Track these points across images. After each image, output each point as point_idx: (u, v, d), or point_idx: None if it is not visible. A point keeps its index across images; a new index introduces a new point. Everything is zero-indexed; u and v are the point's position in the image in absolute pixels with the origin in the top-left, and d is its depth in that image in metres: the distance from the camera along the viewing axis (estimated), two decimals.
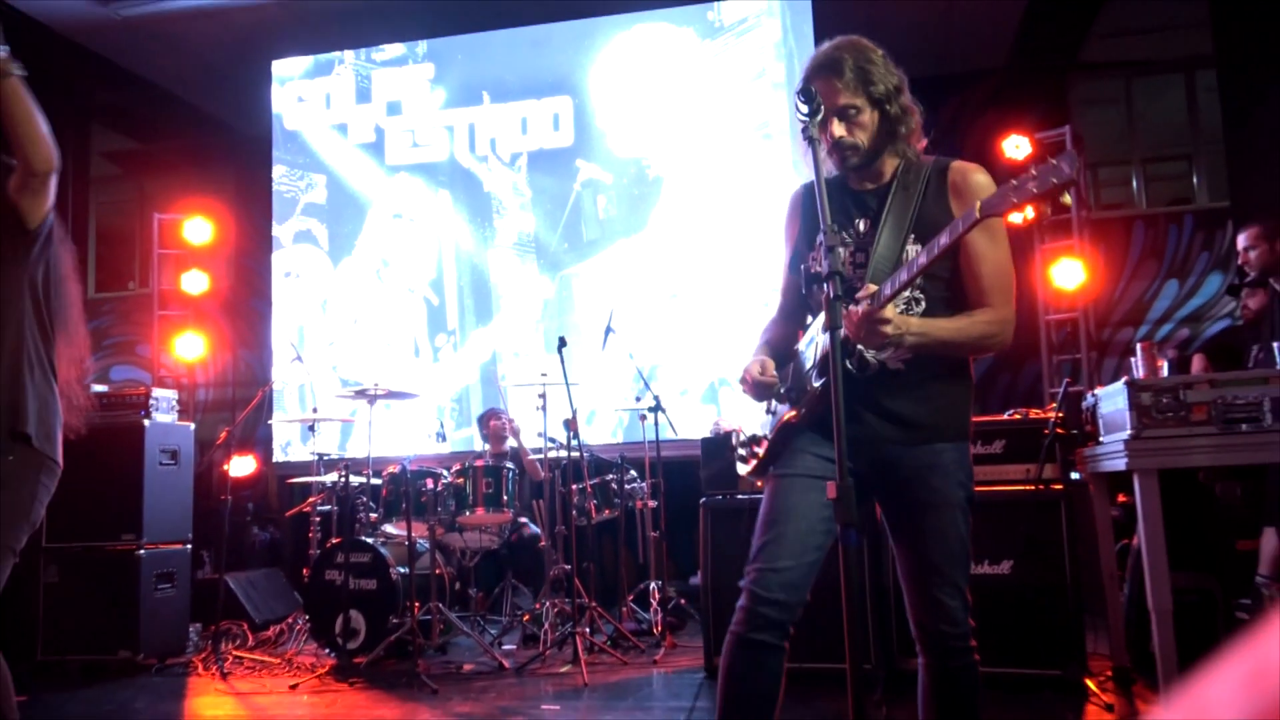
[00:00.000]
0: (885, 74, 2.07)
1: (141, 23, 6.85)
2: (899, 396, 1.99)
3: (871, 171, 2.08)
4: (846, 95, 2.02)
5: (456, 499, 4.86)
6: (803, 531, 1.95)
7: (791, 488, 1.99)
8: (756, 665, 1.93)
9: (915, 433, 1.99)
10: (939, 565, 1.97)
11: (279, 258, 7.08)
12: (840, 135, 2.02)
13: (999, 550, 3.71)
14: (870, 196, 2.07)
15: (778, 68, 6.41)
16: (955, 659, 1.99)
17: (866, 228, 2.04)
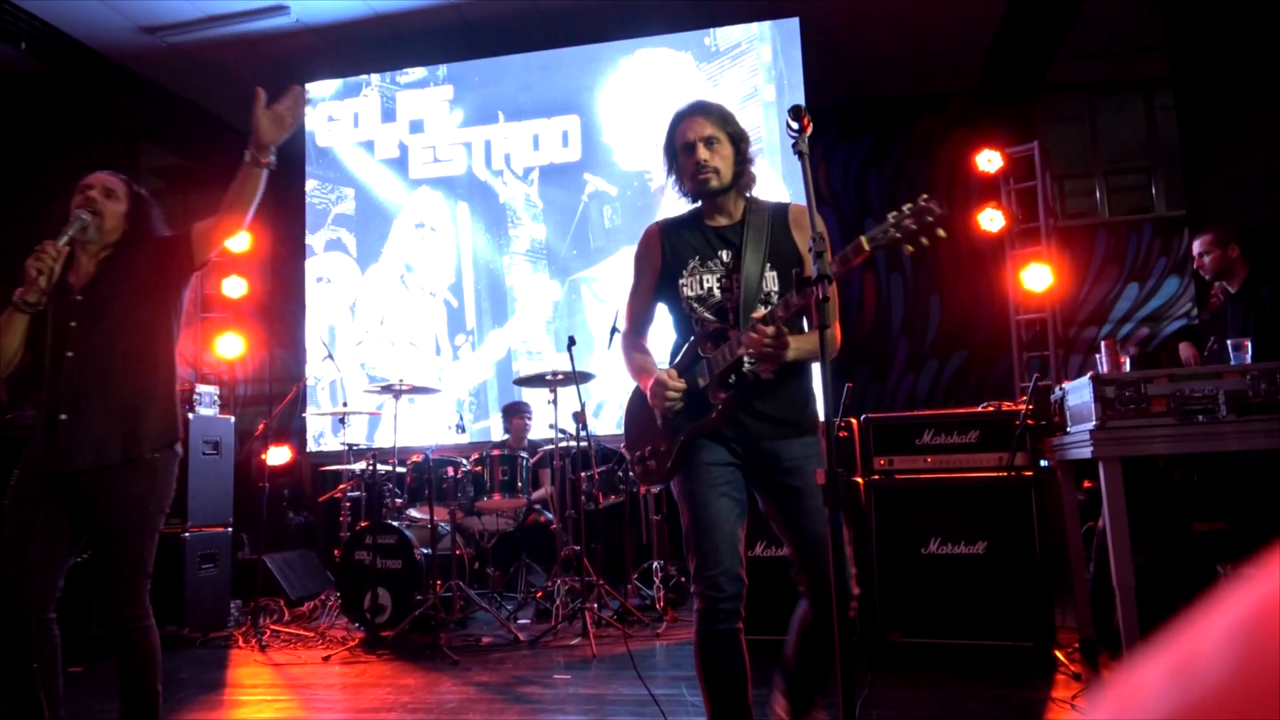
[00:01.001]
0: (740, 126, 2.30)
1: (186, 49, 6.84)
2: (770, 401, 2.21)
3: (724, 209, 2.28)
4: (711, 128, 2.24)
5: (475, 485, 4.85)
6: (727, 535, 2.14)
7: (708, 502, 2.18)
8: (728, 649, 2.12)
9: (786, 429, 2.21)
10: (822, 536, 2.08)
11: (311, 264, 7.07)
12: (704, 158, 2.22)
13: (974, 532, 3.69)
14: (728, 231, 2.27)
15: (768, 89, 6.39)
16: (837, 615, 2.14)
17: (730, 258, 2.24)
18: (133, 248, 2.53)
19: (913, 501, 3.80)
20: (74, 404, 2.36)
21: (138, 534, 2.37)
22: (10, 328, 2.36)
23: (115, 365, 2.42)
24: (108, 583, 2.34)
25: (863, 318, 7.46)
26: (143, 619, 2.37)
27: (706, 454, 2.21)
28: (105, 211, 2.50)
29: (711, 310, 2.24)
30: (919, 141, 7.56)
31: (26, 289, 2.33)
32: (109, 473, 2.37)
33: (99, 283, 2.47)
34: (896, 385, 7.41)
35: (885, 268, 7.57)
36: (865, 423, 3.96)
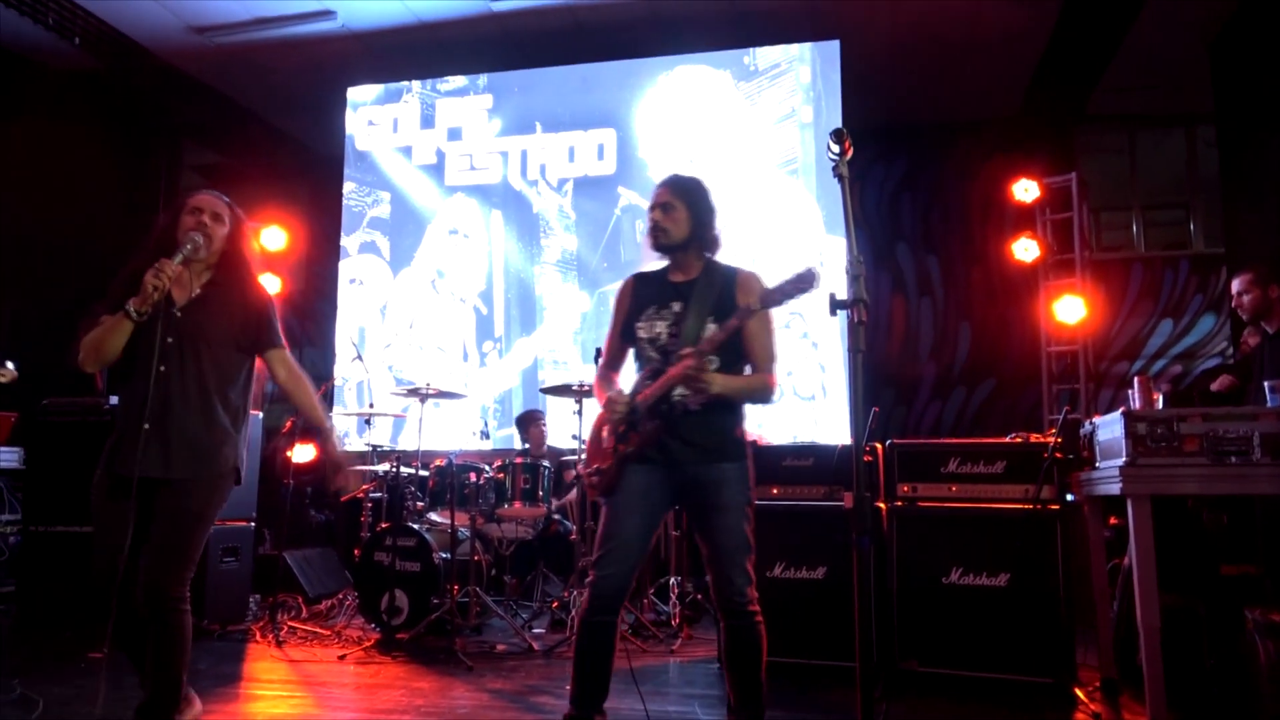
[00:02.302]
0: (705, 201, 2.70)
1: (232, 50, 6.96)
2: (696, 429, 2.54)
3: (683, 266, 2.68)
4: (669, 196, 2.67)
5: (496, 492, 4.86)
6: (623, 545, 2.53)
7: (618, 515, 2.56)
8: (598, 637, 2.53)
9: (708, 455, 2.55)
10: (731, 553, 2.50)
11: (345, 265, 7.15)
12: (657, 219, 2.66)
13: (997, 563, 3.65)
14: (683, 286, 2.66)
15: (806, 110, 6.39)
16: (743, 619, 2.51)
17: (680, 309, 2.61)
18: (234, 279, 2.80)
19: (935, 530, 3.77)
20: (157, 415, 2.60)
21: (192, 526, 2.63)
22: (118, 331, 2.60)
23: (197, 387, 2.67)
24: (156, 562, 2.55)
25: (891, 342, 7.41)
26: (182, 601, 2.57)
27: (634, 476, 2.58)
28: (214, 235, 2.74)
29: (658, 351, 2.62)
30: (955, 167, 7.53)
31: (141, 300, 2.54)
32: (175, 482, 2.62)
33: (198, 306, 2.72)
34: (923, 411, 7.36)
35: (915, 292, 7.53)
36: (890, 448, 3.94)
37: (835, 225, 6.18)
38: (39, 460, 5.01)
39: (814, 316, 6.10)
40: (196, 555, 2.63)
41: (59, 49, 6.86)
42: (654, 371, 2.60)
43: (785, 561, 3.90)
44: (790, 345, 6.11)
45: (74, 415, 4.92)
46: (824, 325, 6.10)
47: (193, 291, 2.73)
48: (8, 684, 3.56)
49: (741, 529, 2.53)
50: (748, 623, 2.51)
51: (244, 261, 2.84)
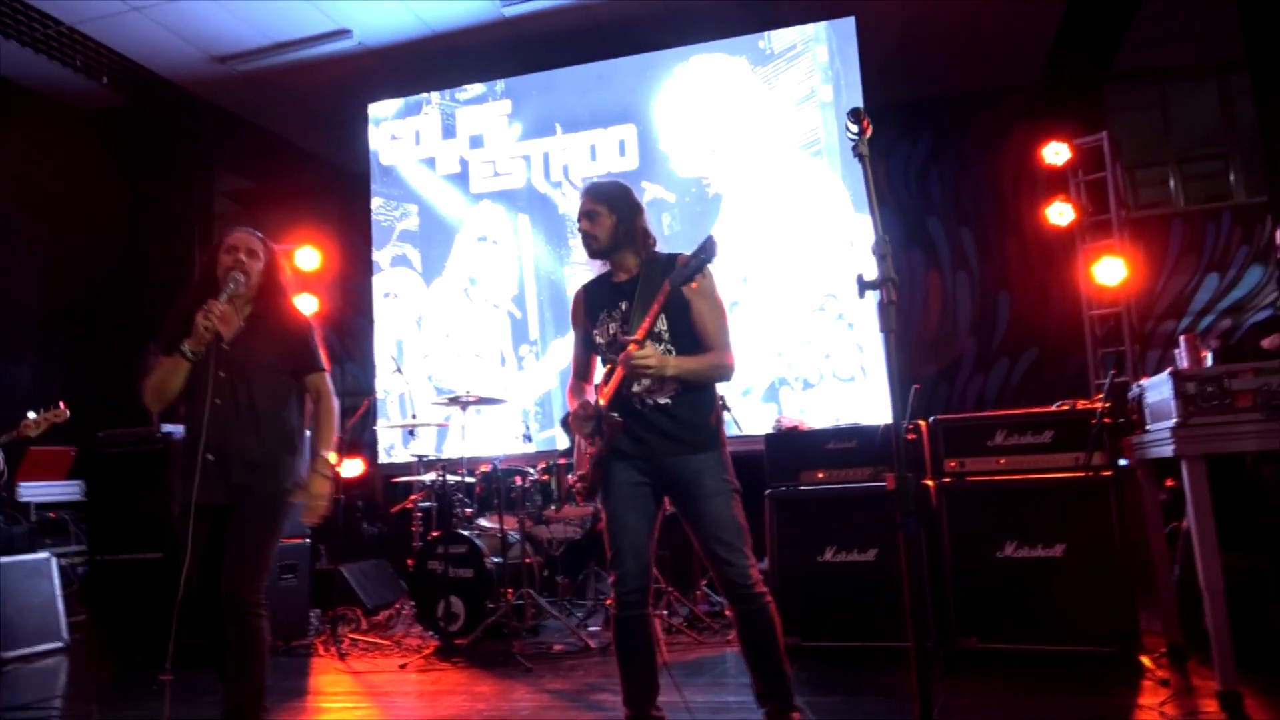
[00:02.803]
0: (627, 200, 2.78)
1: (254, 76, 7.07)
2: (670, 423, 2.63)
3: (623, 266, 2.77)
4: (592, 204, 2.76)
5: (543, 494, 4.89)
6: (631, 541, 2.61)
7: (616, 514, 2.65)
8: (633, 631, 2.62)
9: (684, 446, 2.62)
10: (723, 537, 2.54)
11: (378, 280, 7.23)
12: (585, 228, 2.76)
13: (1051, 534, 3.61)
14: (625, 285, 2.74)
15: (825, 89, 6.33)
16: (751, 602, 2.54)
17: (626, 307, 2.70)
18: (272, 308, 2.99)
19: (986, 504, 3.73)
20: (218, 446, 2.80)
21: (259, 537, 2.84)
22: (176, 371, 2.83)
23: (250, 414, 2.86)
24: (230, 572, 2.77)
25: (928, 318, 7.34)
26: (258, 607, 2.79)
27: (619, 474, 2.66)
28: (251, 271, 2.94)
29: (616, 352, 2.66)
30: (981, 137, 7.42)
31: (194, 340, 2.77)
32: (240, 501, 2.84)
33: (243, 338, 2.90)
34: (966, 386, 7.27)
35: (951, 265, 7.44)
36: (934, 424, 3.91)
37: (863, 205, 6.12)
38: (99, 491, 5.14)
39: (848, 296, 6.05)
40: (268, 564, 2.86)
41: (88, 89, 7.03)
42: (609, 372, 2.69)
43: (836, 546, 3.89)
44: (826, 327, 6.07)
45: (129, 445, 5.05)
46: (860, 305, 6.05)
47: (237, 325, 2.91)
48: (84, 710, 3.67)
49: (730, 513, 2.58)
50: (758, 604, 2.55)
51: (280, 290, 3.03)
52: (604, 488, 2.70)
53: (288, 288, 3.09)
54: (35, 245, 7.22)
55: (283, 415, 2.93)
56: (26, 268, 7.17)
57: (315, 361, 3.00)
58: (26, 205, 7.19)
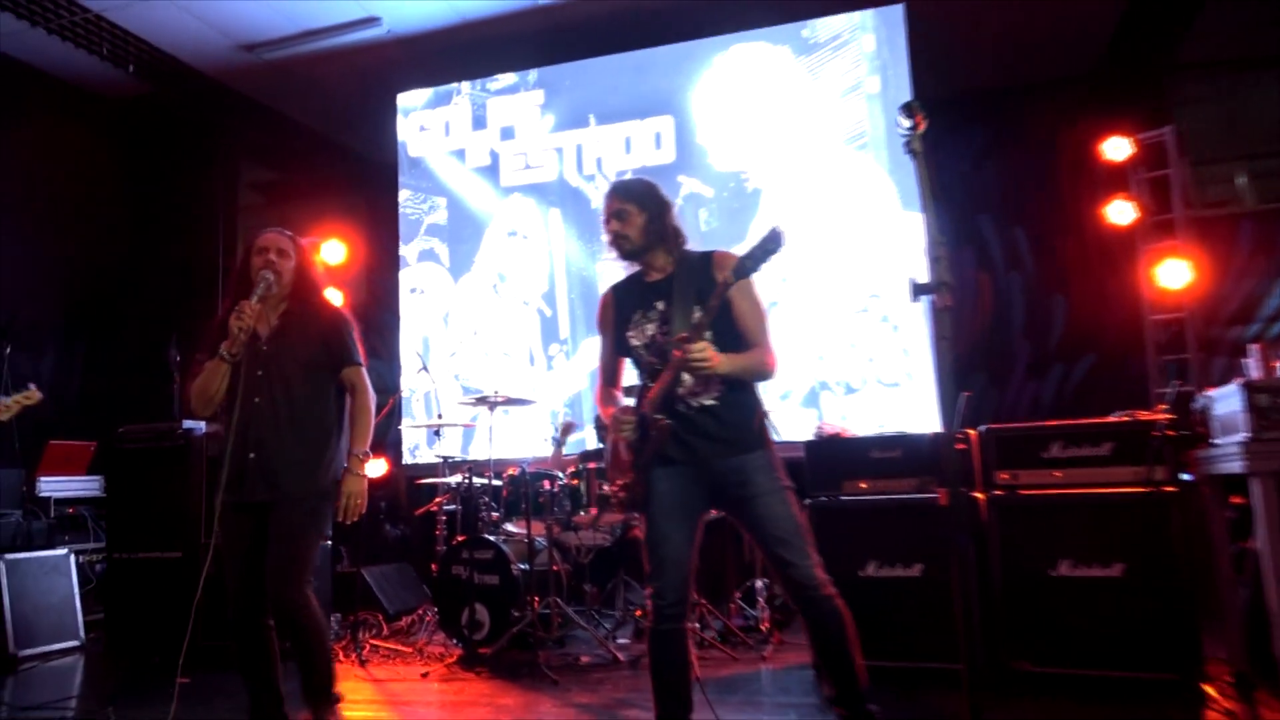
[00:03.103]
0: (656, 197, 2.79)
1: (282, 65, 7.15)
2: (716, 424, 2.63)
3: (656, 265, 2.78)
4: (620, 203, 2.77)
5: (572, 499, 4.89)
6: (671, 553, 2.61)
7: (656, 524, 2.64)
8: (669, 645, 2.62)
9: (732, 447, 2.62)
10: (783, 536, 2.53)
11: (405, 275, 7.28)
12: (616, 229, 2.76)
13: (1109, 552, 3.53)
14: (660, 284, 2.74)
15: (872, 80, 6.27)
16: (820, 605, 2.52)
17: (664, 307, 2.69)
18: (306, 305, 3.11)
19: (1040, 520, 3.66)
20: (259, 443, 2.95)
21: (300, 538, 2.95)
22: (217, 375, 2.99)
23: (289, 412, 2.98)
24: (274, 574, 2.90)
25: (979, 320, 7.23)
26: (306, 603, 2.91)
27: (662, 481, 2.65)
28: (282, 270, 3.08)
29: (654, 354, 2.69)
30: (1037, 130, 7.29)
31: (230, 342, 2.92)
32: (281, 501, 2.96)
33: (279, 337, 3.05)
34: (1018, 393, 7.15)
35: (1003, 265, 7.32)
36: (986, 434, 3.84)
37: (911, 201, 6.05)
38: (118, 488, 5.22)
39: (893, 298, 5.98)
40: (310, 563, 2.98)
41: (113, 78, 7.14)
42: (653, 373, 2.67)
43: (878, 560, 3.84)
44: (870, 329, 6.01)
45: (149, 441, 5.12)
46: (905, 306, 5.98)
47: (272, 324, 3.07)
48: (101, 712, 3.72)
49: (788, 510, 2.58)
50: (827, 607, 2.53)
51: (314, 287, 3.17)
52: (648, 495, 2.68)
53: (321, 284, 3.22)
54: (57, 237, 7.35)
55: (321, 411, 3.05)
56: (48, 260, 7.30)
57: (351, 355, 3.11)
58: (49, 196, 7.33)
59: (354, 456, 3.03)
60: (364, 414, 3.09)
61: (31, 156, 7.25)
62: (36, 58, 6.94)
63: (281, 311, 3.10)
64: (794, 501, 2.61)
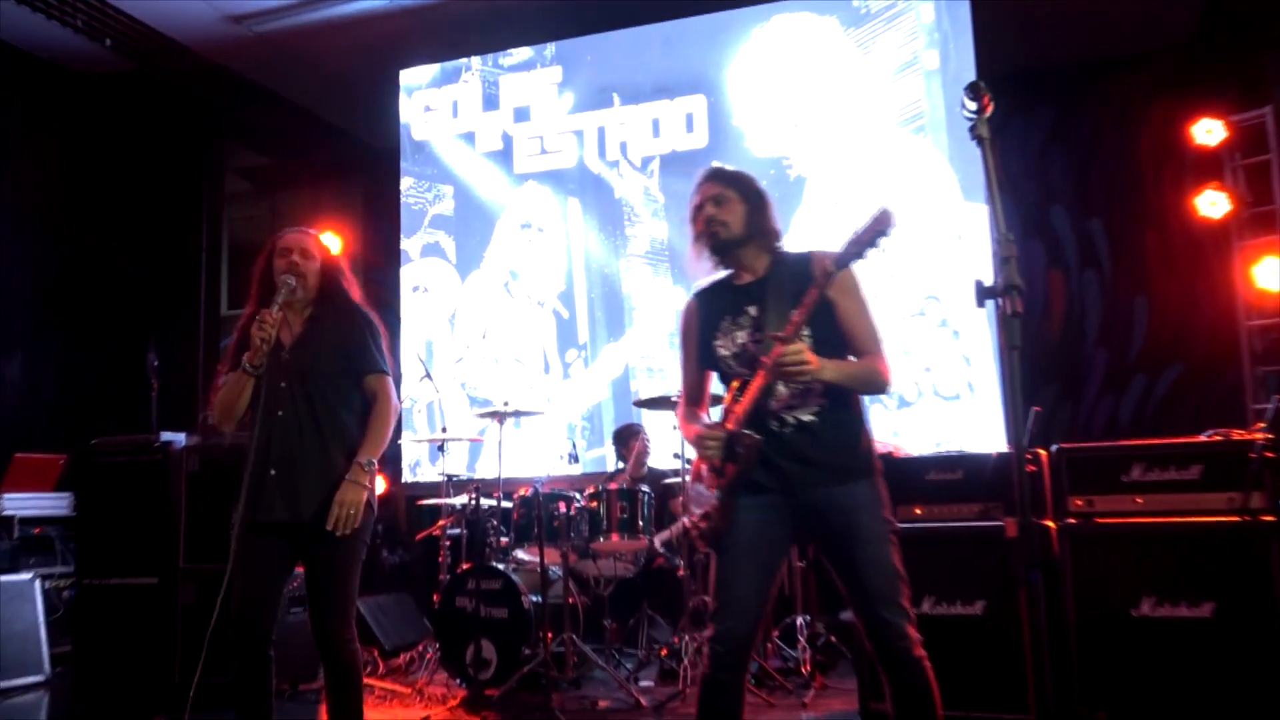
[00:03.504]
0: (757, 187, 2.79)
1: (274, 38, 7.21)
2: (814, 445, 2.54)
3: (748, 266, 2.73)
4: (719, 188, 2.73)
5: (590, 524, 4.88)
6: (742, 597, 2.53)
7: (729, 559, 2.56)
8: (719, 695, 2.54)
9: (832, 474, 2.53)
10: (881, 589, 2.48)
11: (407, 271, 7.32)
12: (713, 214, 2.70)
13: (1198, 590, 3.47)
14: (752, 287, 2.70)
15: (930, 55, 6.23)
16: (909, 667, 2.48)
17: (757, 312, 2.63)
18: (332, 309, 3.19)
19: (1119, 551, 3.61)
20: (282, 459, 3.02)
21: (343, 566, 3.05)
22: (242, 388, 3.07)
23: (314, 425, 3.06)
24: (320, 609, 3.04)
25: (1049, 325, 7.16)
26: (352, 641, 3.04)
27: (744, 511, 2.56)
28: (307, 272, 3.15)
29: (744, 364, 2.61)
30: (1116, 110, 7.23)
31: (252, 354, 2.98)
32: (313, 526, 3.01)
33: (303, 345, 3.13)
34: (1093, 408, 7.08)
35: (1077, 264, 7.26)
36: (1057, 454, 3.79)
37: (974, 191, 6.01)
38: (90, 506, 5.26)
39: (952, 300, 5.94)
40: (355, 593, 3.11)
41: (89, 52, 7.24)
42: (743, 385, 2.59)
43: (935, 596, 3.80)
44: (927, 335, 5.97)
45: (125, 454, 5.16)
46: (967, 310, 5.93)
47: (296, 331, 3.16)
48: None
49: (889, 560, 2.51)
50: (917, 670, 2.48)
51: (340, 291, 3.24)
52: (727, 525, 2.59)
53: (349, 286, 3.29)
54: (26, 226, 7.45)
55: (348, 424, 3.12)
56: (16, 251, 7.40)
57: (375, 362, 3.18)
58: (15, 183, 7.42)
59: (358, 465, 3.04)
60: (381, 422, 3.14)
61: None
62: (2, 30, 7.05)
63: (306, 317, 3.19)
64: (897, 548, 2.55)
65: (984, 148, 1.73)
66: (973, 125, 1.81)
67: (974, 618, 3.74)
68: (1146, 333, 7.07)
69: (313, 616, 3.06)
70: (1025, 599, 1.53)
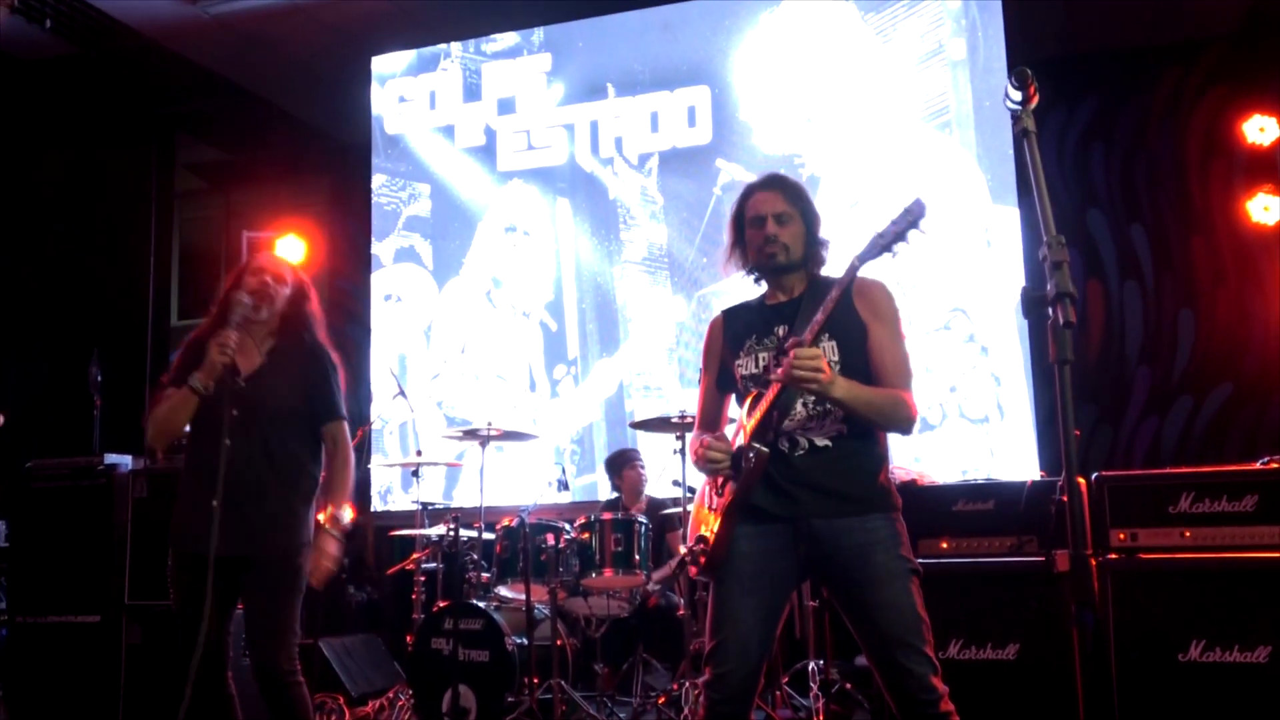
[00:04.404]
0: (813, 206, 2.79)
1: (231, 21, 7.23)
2: (828, 473, 2.54)
3: (786, 288, 2.75)
4: (785, 204, 2.72)
5: (581, 558, 4.88)
6: (742, 637, 2.51)
7: (730, 593, 2.55)
8: None
9: (846, 504, 2.52)
10: (899, 636, 2.43)
11: (378, 278, 7.33)
12: (774, 233, 2.67)
13: (1253, 633, 3.49)
14: (785, 307, 2.72)
15: (957, 44, 6.29)
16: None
17: (785, 333, 2.62)
18: (296, 344, 3.31)
19: (1165, 590, 3.63)
20: (227, 492, 3.07)
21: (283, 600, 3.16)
22: (184, 406, 3.15)
23: (266, 460, 3.16)
24: (259, 642, 3.14)
25: (1087, 341, 7.20)
26: (294, 674, 3.13)
27: (745, 541, 2.56)
28: (275, 297, 3.28)
29: (764, 386, 2.60)
30: (1161, 105, 7.30)
31: (206, 374, 3.07)
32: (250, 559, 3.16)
33: (263, 376, 3.23)
34: (1134, 432, 7.11)
35: (1117, 274, 7.30)
36: (1098, 483, 3.81)
37: (1004, 193, 6.05)
38: (25, 535, 5.25)
39: (980, 312, 5.97)
40: (295, 625, 3.20)
41: (25, 35, 7.23)
42: (756, 399, 2.60)
43: (962, 639, 3.81)
44: (952, 351, 5.99)
45: (64, 478, 5.15)
46: (996, 324, 5.96)
47: (256, 361, 3.26)
48: None
49: (909, 602, 2.47)
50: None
51: (306, 325, 3.36)
52: (725, 555, 2.59)
53: (315, 322, 3.40)
54: None
55: (301, 463, 3.25)
56: None
57: (329, 408, 3.31)
58: None
59: (330, 515, 3.18)
60: (344, 470, 3.28)
61: None
62: None
63: (268, 348, 3.29)
64: (918, 589, 2.50)
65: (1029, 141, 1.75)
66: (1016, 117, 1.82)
67: (1007, 663, 3.75)
68: (1193, 349, 7.11)
69: (253, 652, 3.16)
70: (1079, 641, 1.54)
